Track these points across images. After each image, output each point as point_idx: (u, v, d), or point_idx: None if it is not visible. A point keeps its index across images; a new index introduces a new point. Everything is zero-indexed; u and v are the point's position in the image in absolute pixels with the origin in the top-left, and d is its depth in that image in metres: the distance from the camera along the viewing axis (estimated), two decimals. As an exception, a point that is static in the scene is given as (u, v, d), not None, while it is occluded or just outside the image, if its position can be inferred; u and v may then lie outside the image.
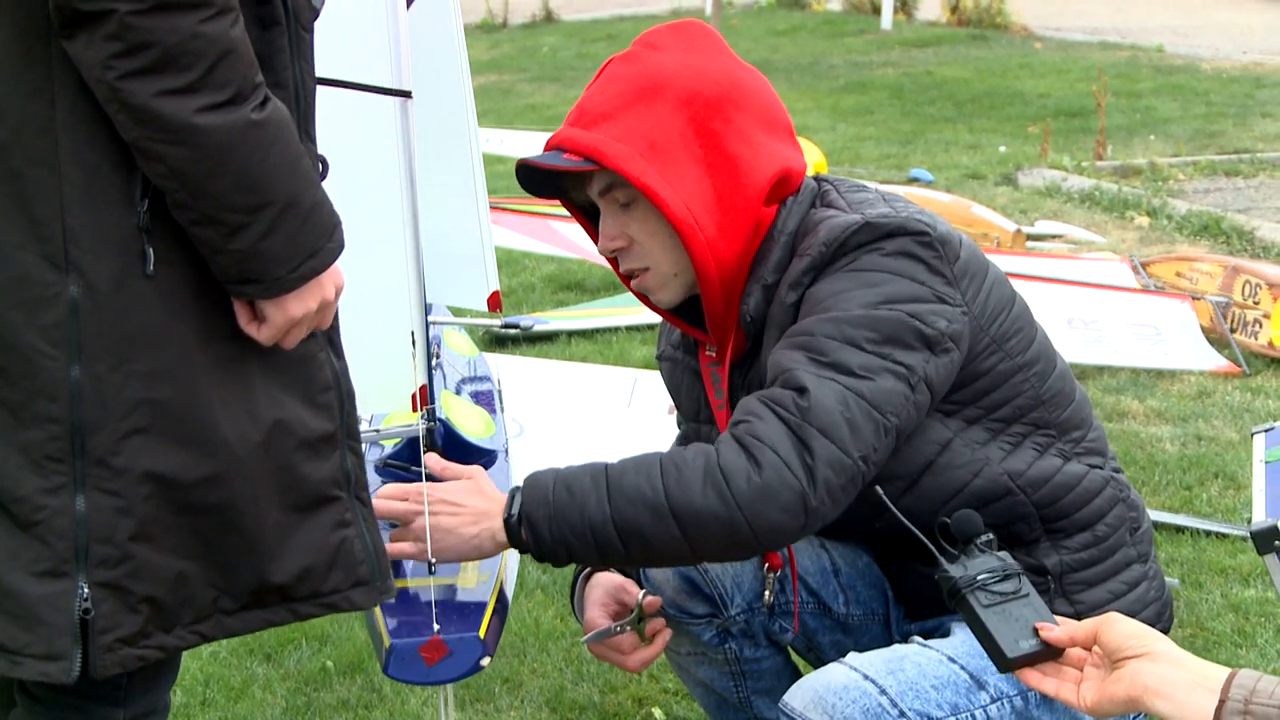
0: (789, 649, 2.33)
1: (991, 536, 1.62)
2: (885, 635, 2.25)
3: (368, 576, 1.80)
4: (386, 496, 2.00)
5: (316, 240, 1.68)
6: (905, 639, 2.18)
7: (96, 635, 1.62)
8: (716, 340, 2.07)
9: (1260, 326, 4.89)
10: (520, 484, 1.93)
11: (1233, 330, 4.94)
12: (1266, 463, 2.41)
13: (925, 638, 2.05)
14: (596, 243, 2.11)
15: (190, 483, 1.66)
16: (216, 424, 1.66)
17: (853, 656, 1.95)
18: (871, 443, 1.84)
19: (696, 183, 1.94)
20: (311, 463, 1.74)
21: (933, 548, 1.62)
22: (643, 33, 2.06)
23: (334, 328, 1.81)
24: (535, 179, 2.05)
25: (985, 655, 1.93)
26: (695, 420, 2.19)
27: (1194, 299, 5.08)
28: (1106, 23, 14.12)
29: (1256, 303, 4.94)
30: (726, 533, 1.83)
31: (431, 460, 2.04)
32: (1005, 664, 1.54)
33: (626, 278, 2.09)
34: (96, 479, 1.62)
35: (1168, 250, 6.17)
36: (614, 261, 2.09)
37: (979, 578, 1.56)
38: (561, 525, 1.88)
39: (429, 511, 1.94)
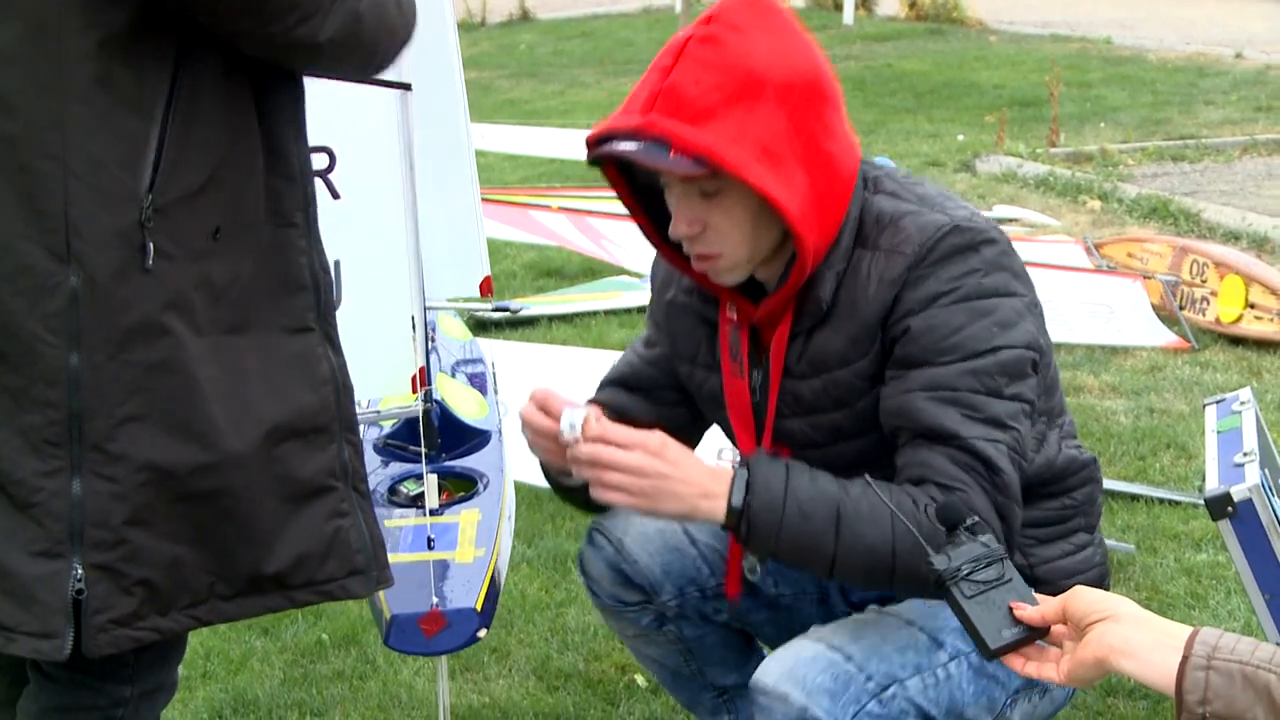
0: (736, 626, 2.30)
1: (977, 520, 1.58)
2: (822, 612, 2.22)
3: (364, 565, 1.78)
4: (627, 442, 1.84)
5: None
6: (849, 613, 2.17)
7: (89, 615, 1.61)
8: (766, 315, 1.97)
9: (1208, 303, 4.92)
10: (747, 472, 1.84)
11: (1182, 307, 4.96)
12: (1218, 432, 2.42)
13: (881, 605, 2.05)
14: (632, 207, 2.01)
15: (185, 471, 1.64)
16: (212, 415, 1.65)
17: (815, 629, 1.94)
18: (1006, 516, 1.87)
19: (802, 184, 1.84)
20: (306, 454, 1.73)
21: (919, 537, 1.60)
22: (718, 8, 1.87)
23: (332, 324, 1.79)
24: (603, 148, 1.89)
25: (938, 616, 1.92)
26: (690, 362, 2.11)
27: (1145, 278, 5.10)
28: (1057, 16, 14.14)
29: (1204, 281, 4.97)
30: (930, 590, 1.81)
31: (613, 431, 1.86)
32: (989, 654, 1.51)
33: (677, 253, 1.98)
34: (93, 464, 1.60)
35: (1119, 232, 6.19)
36: (663, 242, 1.98)
37: (962, 568, 1.53)
38: (781, 539, 1.83)
39: (660, 474, 1.82)
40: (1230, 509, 2.14)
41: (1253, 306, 4.76)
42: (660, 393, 2.19)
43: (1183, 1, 15.42)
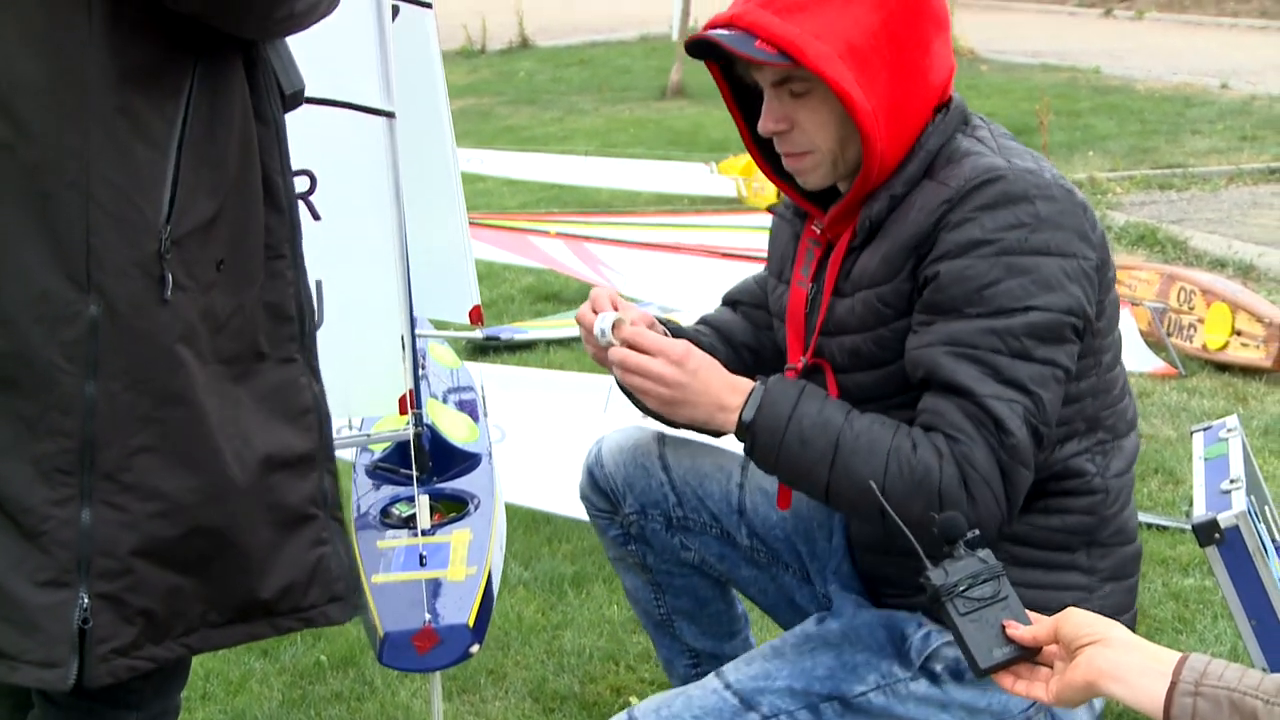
0: (715, 576, 2.29)
1: (977, 533, 1.56)
2: (807, 593, 2.20)
3: (343, 592, 1.79)
4: (652, 348, 1.87)
5: None
6: (826, 596, 2.15)
7: (93, 645, 1.60)
8: (831, 227, 1.96)
9: (1195, 330, 4.92)
10: (764, 390, 1.85)
11: (1169, 334, 4.96)
12: (1205, 459, 2.42)
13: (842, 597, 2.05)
14: (734, 110, 2.01)
15: (194, 501, 1.64)
16: (219, 446, 1.65)
17: (642, 704, 1.96)
18: (1039, 453, 1.81)
19: (884, 89, 1.82)
20: (293, 482, 1.73)
21: (919, 549, 1.57)
22: None
23: (313, 354, 1.80)
24: (702, 42, 1.88)
25: (770, 677, 1.92)
26: (778, 277, 2.11)
27: (1133, 305, 5.10)
28: (1046, 46, 14.20)
29: (1191, 308, 4.97)
30: (920, 536, 1.79)
31: (641, 336, 1.90)
32: (979, 672, 1.50)
33: (768, 161, 1.99)
34: (103, 493, 1.59)
35: (1107, 259, 6.19)
36: (757, 150, 1.98)
37: (958, 584, 1.51)
38: (779, 461, 1.85)
39: (679, 383, 1.85)
40: (1217, 535, 2.13)
41: (1239, 334, 4.76)
42: (758, 313, 2.20)
43: (1169, 32, 15.50)
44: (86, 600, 1.59)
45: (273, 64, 1.74)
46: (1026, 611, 1.51)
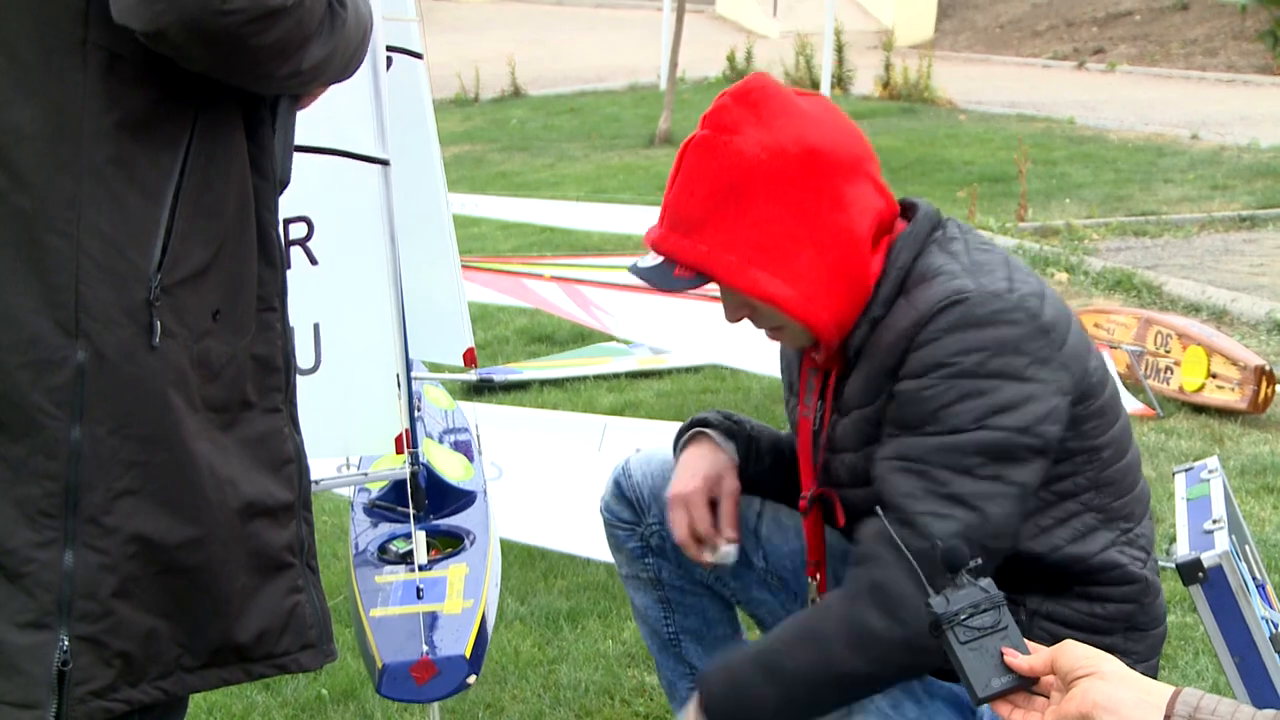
0: (727, 599, 2.28)
1: (980, 562, 1.54)
2: None
3: (315, 640, 1.77)
4: None
5: None
6: None
7: (72, 687, 1.57)
8: (826, 361, 1.96)
9: (1171, 373, 4.93)
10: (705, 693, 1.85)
11: (1146, 376, 4.97)
12: (1187, 500, 2.41)
13: None
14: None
15: (173, 545, 1.62)
16: (203, 489, 1.63)
17: None
18: (988, 568, 1.75)
19: (810, 266, 1.83)
20: (272, 530, 1.71)
21: (922, 576, 1.56)
22: (711, 109, 1.88)
23: (295, 404, 1.78)
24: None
25: None
26: (789, 390, 2.12)
27: (1111, 348, 5.11)
28: (1023, 97, 14.30)
29: (1167, 351, 4.98)
30: (894, 677, 1.80)
31: None
32: (977, 701, 1.49)
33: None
34: (86, 536, 1.57)
35: (1086, 303, 6.22)
36: None
37: (959, 613, 1.49)
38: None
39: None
40: (1201, 575, 2.12)
41: (1214, 376, 4.77)
42: None
43: (1140, 85, 15.62)
44: (67, 642, 1.56)
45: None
46: (1026, 641, 1.50)
